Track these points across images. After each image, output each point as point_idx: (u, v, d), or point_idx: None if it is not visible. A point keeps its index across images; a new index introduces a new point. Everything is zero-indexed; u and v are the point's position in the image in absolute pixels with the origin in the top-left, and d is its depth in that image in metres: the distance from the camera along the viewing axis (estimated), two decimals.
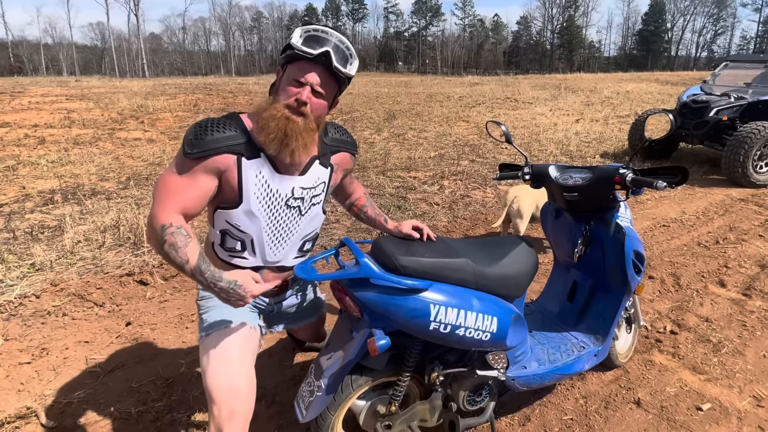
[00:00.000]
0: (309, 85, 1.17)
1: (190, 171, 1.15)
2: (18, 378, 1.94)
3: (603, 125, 8.79)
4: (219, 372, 1.21)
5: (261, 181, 1.22)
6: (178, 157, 1.17)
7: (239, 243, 1.28)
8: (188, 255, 1.10)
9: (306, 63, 1.16)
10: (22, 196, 4.26)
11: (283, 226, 1.31)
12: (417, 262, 1.28)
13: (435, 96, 13.39)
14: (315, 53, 1.14)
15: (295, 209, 1.30)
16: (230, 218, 1.24)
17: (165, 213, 1.12)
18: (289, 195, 1.27)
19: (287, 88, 1.18)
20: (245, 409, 1.21)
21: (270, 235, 1.29)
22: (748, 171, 4.94)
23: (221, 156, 1.16)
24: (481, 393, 1.49)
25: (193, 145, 1.14)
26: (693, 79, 17.66)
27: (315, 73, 1.17)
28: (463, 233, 3.71)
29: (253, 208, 1.23)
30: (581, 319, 1.86)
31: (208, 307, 1.33)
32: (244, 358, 1.27)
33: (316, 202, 1.36)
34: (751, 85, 5.88)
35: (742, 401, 1.85)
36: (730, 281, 2.88)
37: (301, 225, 1.35)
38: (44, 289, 2.62)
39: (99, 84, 15.01)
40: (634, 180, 1.54)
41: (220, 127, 1.16)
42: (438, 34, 68.35)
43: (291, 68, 1.18)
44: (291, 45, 1.16)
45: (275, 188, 1.24)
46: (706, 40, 61.23)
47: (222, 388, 1.19)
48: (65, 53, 52.21)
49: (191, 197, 1.16)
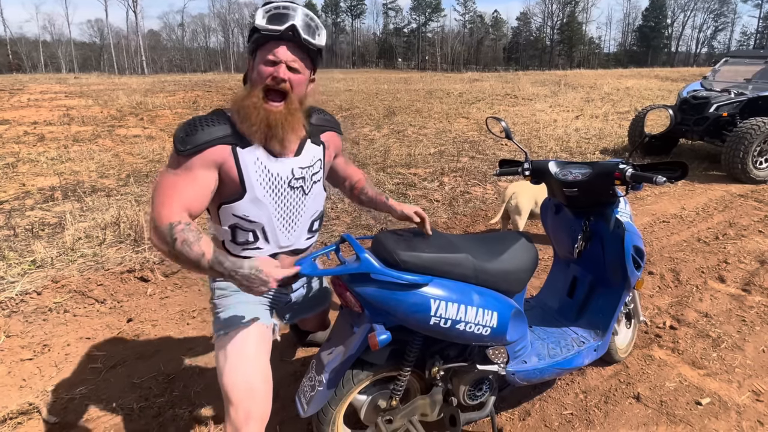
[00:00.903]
0: (283, 63, 1.15)
1: (187, 168, 1.13)
2: (20, 374, 1.95)
3: (603, 121, 8.78)
4: (236, 371, 1.20)
5: (260, 167, 1.21)
6: (172, 158, 1.15)
7: (251, 234, 1.27)
8: (203, 248, 1.08)
9: (274, 42, 1.15)
10: (22, 194, 4.25)
11: (291, 208, 1.31)
12: (417, 257, 1.29)
13: (435, 92, 13.36)
14: (282, 28, 1.13)
15: (299, 189, 1.31)
16: (237, 211, 1.23)
17: (170, 212, 1.09)
18: (290, 176, 1.27)
19: (262, 70, 1.16)
20: (262, 410, 1.20)
21: (280, 220, 1.29)
22: (748, 167, 4.94)
23: (215, 148, 1.15)
24: (482, 387, 1.50)
25: (184, 142, 1.13)
26: (693, 75, 17.62)
27: (285, 47, 1.15)
28: (463, 229, 3.72)
29: (258, 194, 1.22)
30: (581, 314, 1.86)
31: (224, 306, 1.32)
32: (260, 356, 1.26)
33: (317, 180, 1.36)
34: (751, 80, 5.87)
35: (741, 396, 1.86)
36: (730, 277, 2.89)
37: (307, 204, 1.35)
38: (45, 285, 2.62)
39: (98, 81, 14.97)
40: (634, 175, 1.54)
41: (209, 122, 1.16)
42: (438, 31, 68.19)
43: (261, 52, 1.17)
44: (256, 27, 1.14)
45: (275, 172, 1.24)
46: (706, 36, 61.11)
47: (239, 388, 1.18)
48: (64, 50, 52.05)
49: (193, 194, 1.14)
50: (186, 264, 1.11)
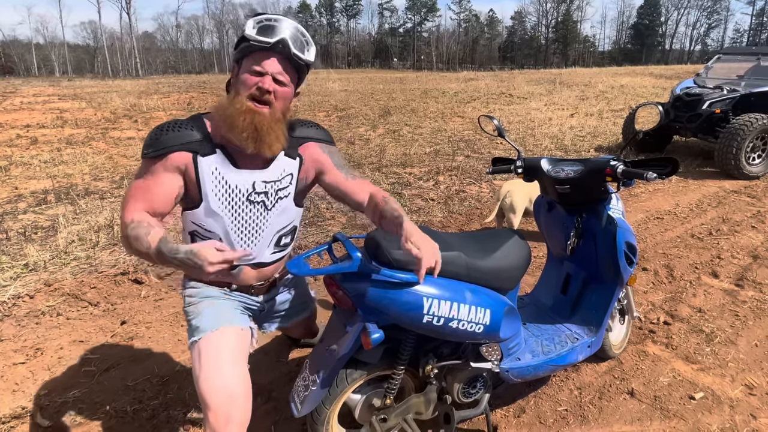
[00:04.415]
0: (269, 74, 1.15)
1: (150, 171, 1.16)
2: (12, 378, 1.93)
3: (597, 119, 8.81)
4: (213, 376, 1.17)
5: (218, 178, 1.20)
6: (141, 163, 1.19)
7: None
8: (149, 241, 1.09)
9: (262, 53, 1.14)
10: (15, 197, 4.23)
11: (249, 222, 1.28)
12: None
13: (430, 92, 13.37)
14: (271, 41, 1.12)
15: (260, 204, 1.28)
16: (195, 219, 1.23)
17: (128, 214, 1.14)
18: (250, 190, 1.24)
19: (246, 79, 1.15)
20: (242, 414, 1.18)
21: (237, 233, 1.27)
22: (741, 163, 4.97)
23: (177, 154, 1.16)
24: (476, 385, 1.50)
25: (148, 145, 1.16)
26: (687, 72, 17.70)
27: (274, 60, 1.15)
28: (458, 228, 3.72)
29: (213, 206, 1.21)
30: (575, 310, 1.87)
31: (197, 312, 1.29)
32: (238, 361, 1.24)
33: (283, 195, 1.31)
34: (743, 77, 5.91)
35: (734, 390, 1.87)
36: (723, 272, 2.90)
37: (270, 220, 1.32)
38: (38, 289, 2.60)
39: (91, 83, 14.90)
40: (625, 172, 1.55)
41: (177, 127, 1.17)
42: (433, 30, 68.22)
43: (247, 61, 1.16)
44: (245, 37, 1.14)
45: (234, 184, 1.22)
46: (699, 34, 61.44)
47: (217, 393, 1.15)
48: (57, 53, 51.74)
49: (155, 196, 1.16)
50: (143, 257, 1.14)
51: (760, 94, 5.41)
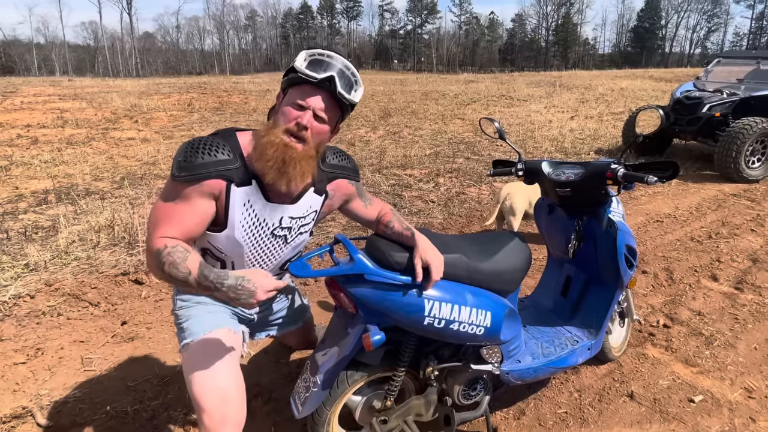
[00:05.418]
0: (311, 110, 1.12)
1: (182, 195, 1.10)
2: (13, 378, 1.94)
3: (597, 122, 8.83)
4: (206, 379, 1.16)
5: (248, 210, 1.18)
6: (168, 182, 1.12)
7: (219, 263, 1.26)
8: (188, 267, 1.06)
9: (309, 87, 1.12)
10: (15, 197, 4.23)
11: (267, 253, 1.28)
12: (411, 258, 1.29)
13: (430, 94, 13.38)
14: (319, 77, 1.09)
15: (281, 238, 1.28)
16: (212, 240, 1.20)
17: (159, 239, 1.08)
18: (277, 224, 1.24)
19: (288, 112, 1.13)
20: (237, 414, 1.18)
21: (251, 261, 1.27)
22: (741, 166, 4.98)
23: (212, 181, 1.11)
24: (476, 387, 1.51)
25: (181, 168, 1.08)
26: (687, 75, 17.75)
27: (319, 97, 1.13)
28: (458, 230, 3.73)
29: (237, 235, 1.19)
30: (575, 313, 1.87)
31: (187, 316, 1.28)
32: (231, 363, 1.23)
33: (304, 231, 1.32)
34: (743, 81, 5.93)
35: (733, 393, 1.87)
36: (723, 275, 2.91)
37: (285, 252, 1.33)
38: (39, 289, 2.61)
39: (92, 83, 14.90)
40: (626, 175, 1.56)
41: (213, 150, 1.11)
42: (433, 32, 68.34)
43: (293, 92, 1.14)
44: (294, 68, 1.11)
45: (263, 218, 1.20)
46: (699, 37, 61.61)
47: (211, 395, 1.15)
48: (58, 53, 51.79)
49: (188, 222, 1.11)
50: (178, 284, 1.10)
51: (759, 98, 5.43)
